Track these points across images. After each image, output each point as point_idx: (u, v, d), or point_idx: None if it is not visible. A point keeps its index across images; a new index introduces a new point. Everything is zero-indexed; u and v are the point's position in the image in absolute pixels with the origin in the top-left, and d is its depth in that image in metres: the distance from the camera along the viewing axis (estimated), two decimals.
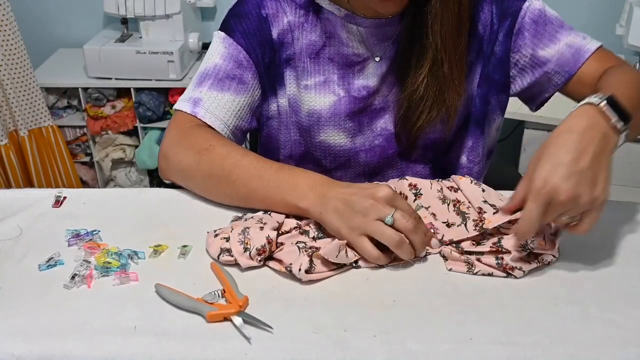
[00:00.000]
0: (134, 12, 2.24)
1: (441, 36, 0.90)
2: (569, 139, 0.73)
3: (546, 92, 1.03)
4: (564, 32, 1.00)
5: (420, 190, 0.90)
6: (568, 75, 0.99)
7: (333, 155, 1.02)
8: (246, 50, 0.98)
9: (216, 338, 0.68)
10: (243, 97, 0.99)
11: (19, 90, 2.10)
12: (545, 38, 0.99)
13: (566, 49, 0.99)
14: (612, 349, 0.67)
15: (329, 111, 0.99)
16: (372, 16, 0.96)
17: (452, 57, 0.91)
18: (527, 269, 0.78)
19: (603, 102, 0.75)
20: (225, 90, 0.98)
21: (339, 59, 0.99)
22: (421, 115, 0.96)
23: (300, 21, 0.98)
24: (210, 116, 0.96)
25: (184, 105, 0.97)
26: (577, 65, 0.99)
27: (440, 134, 1.01)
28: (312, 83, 0.99)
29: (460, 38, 0.91)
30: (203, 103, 0.97)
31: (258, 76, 1.00)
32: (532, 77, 1.02)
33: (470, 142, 1.05)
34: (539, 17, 1.00)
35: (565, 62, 0.99)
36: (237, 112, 0.99)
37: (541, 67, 1.00)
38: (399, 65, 0.98)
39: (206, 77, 0.99)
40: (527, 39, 1.00)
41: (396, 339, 0.68)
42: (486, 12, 0.99)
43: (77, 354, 0.66)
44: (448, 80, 0.93)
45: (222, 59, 0.99)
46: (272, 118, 1.04)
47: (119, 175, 2.56)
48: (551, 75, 1.00)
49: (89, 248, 0.82)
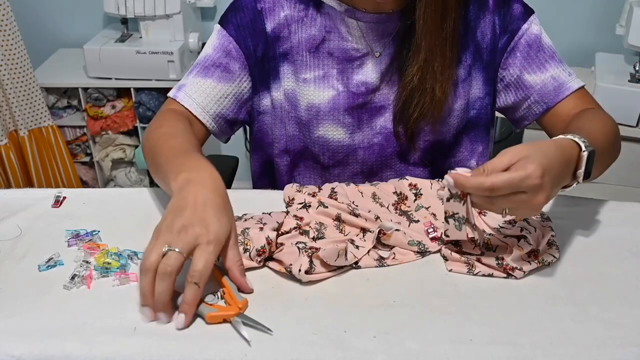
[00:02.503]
0: (134, 12, 2.24)
1: (424, 20, 0.91)
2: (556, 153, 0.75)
3: (526, 120, 1.07)
4: (553, 63, 1.02)
5: (421, 190, 0.90)
6: (546, 107, 1.03)
7: (331, 151, 1.02)
8: (236, 41, 1.00)
9: (216, 339, 0.68)
10: (227, 85, 1.01)
11: (19, 90, 2.10)
12: (534, 64, 1.02)
13: (550, 81, 1.02)
14: (612, 349, 0.67)
15: (328, 105, 1.00)
16: (372, 11, 0.96)
17: (433, 42, 0.92)
18: (527, 269, 0.78)
19: (585, 152, 0.77)
20: (208, 77, 1.01)
21: (339, 53, 0.99)
22: (416, 107, 0.97)
23: (300, 15, 1.00)
24: (188, 99, 1.00)
25: (171, 91, 1.03)
26: (557, 100, 1.02)
27: (438, 136, 1.01)
28: (311, 77, 1.00)
29: (444, 23, 0.92)
30: (185, 88, 1.01)
31: (247, 68, 1.01)
32: (515, 98, 1.05)
33: (480, 147, 1.06)
34: (534, 42, 1.02)
35: (547, 93, 1.02)
36: (218, 99, 1.01)
37: (524, 91, 1.03)
38: (398, 62, 0.98)
39: (196, 66, 1.03)
40: (518, 60, 1.02)
41: (396, 339, 0.68)
42: (487, 21, 1.00)
43: (77, 354, 0.66)
44: (428, 66, 0.93)
45: (212, 49, 1.02)
46: (265, 113, 1.05)
47: (119, 175, 2.55)
48: (531, 103, 1.04)
49: (88, 248, 0.82)
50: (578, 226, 0.88)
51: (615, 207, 0.93)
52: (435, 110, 0.96)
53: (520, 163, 0.71)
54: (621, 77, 1.94)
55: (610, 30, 2.08)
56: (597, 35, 2.27)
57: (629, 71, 1.96)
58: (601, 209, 0.93)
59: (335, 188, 0.92)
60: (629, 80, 1.93)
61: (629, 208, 0.93)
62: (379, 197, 0.90)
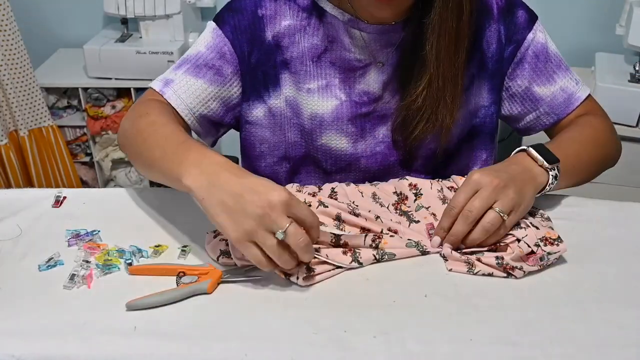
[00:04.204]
0: (134, 12, 2.24)
1: (437, 50, 0.89)
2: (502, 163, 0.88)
3: (533, 130, 1.08)
4: (561, 73, 1.03)
5: (421, 190, 0.90)
6: (557, 118, 1.04)
7: (334, 159, 1.02)
8: (232, 45, 0.98)
9: (216, 338, 0.68)
10: (217, 89, 0.99)
11: (19, 90, 2.10)
12: (543, 76, 1.02)
13: (560, 92, 1.03)
14: (612, 349, 0.67)
15: (331, 115, 0.99)
16: (375, 22, 0.95)
17: (446, 72, 0.91)
18: (527, 269, 0.78)
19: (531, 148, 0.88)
20: (199, 77, 0.98)
21: (341, 63, 0.98)
22: (417, 125, 0.95)
23: (303, 24, 0.98)
24: (176, 99, 0.97)
25: (155, 84, 1.00)
26: (567, 111, 1.03)
27: (440, 145, 1.01)
28: (314, 87, 0.98)
29: (457, 55, 0.90)
30: (173, 85, 0.98)
31: (239, 73, 0.99)
32: (521, 109, 1.05)
33: (484, 154, 1.06)
34: (541, 52, 1.01)
35: (557, 105, 1.03)
36: (206, 102, 0.99)
37: (533, 102, 1.03)
38: (401, 72, 0.97)
39: (186, 62, 1.00)
40: (526, 71, 1.01)
41: (396, 339, 0.68)
42: (493, 30, 0.99)
43: (77, 354, 0.66)
44: (439, 96, 0.92)
45: (206, 48, 0.99)
46: (252, 124, 1.02)
47: (119, 175, 2.55)
48: (541, 115, 1.04)
49: (88, 248, 0.82)
50: (578, 226, 0.88)
51: (615, 207, 0.93)
52: (444, 135, 0.97)
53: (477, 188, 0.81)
54: (621, 77, 1.94)
55: (610, 30, 2.08)
56: (597, 35, 2.26)
57: (629, 71, 1.96)
58: (601, 209, 0.93)
59: (335, 188, 0.92)
60: (629, 80, 1.93)
61: (629, 208, 0.93)
62: (379, 197, 0.90)
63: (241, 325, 0.70)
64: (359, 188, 0.92)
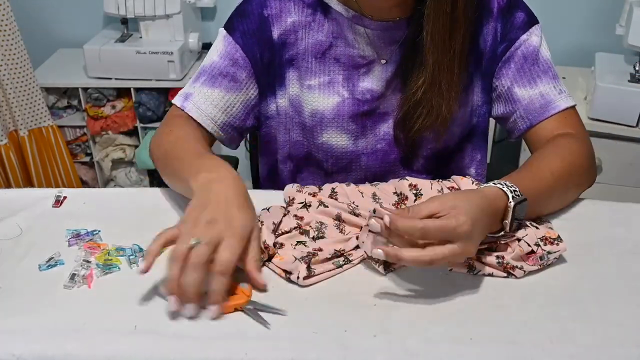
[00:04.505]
0: (134, 12, 2.24)
1: (431, 35, 0.89)
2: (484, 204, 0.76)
3: (513, 134, 1.04)
4: (545, 79, 0.99)
5: (421, 190, 0.90)
6: (530, 124, 1.00)
7: (335, 158, 1.02)
8: (243, 50, 0.99)
9: (216, 337, 0.68)
10: (234, 95, 1.00)
11: (19, 90, 2.10)
12: (525, 78, 0.99)
13: (538, 97, 0.99)
14: (612, 349, 0.67)
15: (332, 112, 0.99)
16: (379, 18, 0.95)
17: (440, 57, 0.91)
18: (527, 268, 0.78)
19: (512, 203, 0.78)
20: (216, 86, 0.99)
21: (345, 59, 0.98)
22: (418, 119, 0.96)
23: (307, 20, 0.98)
24: (196, 111, 0.99)
25: (176, 99, 1.02)
26: (540, 118, 0.98)
27: (441, 143, 1.01)
28: (316, 83, 0.99)
29: (453, 41, 0.90)
30: (193, 98, 1.00)
31: (254, 76, 1.00)
32: (504, 110, 1.03)
33: (479, 155, 1.06)
34: (530, 55, 0.99)
35: (532, 110, 0.99)
36: (226, 109, 1.00)
37: (512, 104, 1.01)
38: (404, 69, 0.97)
39: (202, 73, 1.01)
40: (511, 71, 1.00)
41: (396, 339, 0.68)
42: (490, 27, 0.99)
43: (77, 354, 0.66)
44: (435, 82, 0.92)
45: (219, 57, 1.00)
46: (271, 118, 1.04)
47: (119, 175, 2.55)
48: (517, 118, 1.01)
49: (89, 248, 0.82)
50: (578, 226, 0.88)
51: (615, 207, 0.93)
52: (440, 126, 0.96)
53: (452, 213, 0.72)
54: (621, 77, 1.94)
55: (610, 30, 2.08)
56: (597, 35, 2.26)
57: (629, 71, 1.96)
58: (601, 209, 0.93)
59: (336, 188, 0.92)
60: (629, 80, 1.93)
61: (629, 208, 0.93)
62: (379, 197, 0.90)
63: (241, 325, 0.70)
64: (359, 188, 0.92)
